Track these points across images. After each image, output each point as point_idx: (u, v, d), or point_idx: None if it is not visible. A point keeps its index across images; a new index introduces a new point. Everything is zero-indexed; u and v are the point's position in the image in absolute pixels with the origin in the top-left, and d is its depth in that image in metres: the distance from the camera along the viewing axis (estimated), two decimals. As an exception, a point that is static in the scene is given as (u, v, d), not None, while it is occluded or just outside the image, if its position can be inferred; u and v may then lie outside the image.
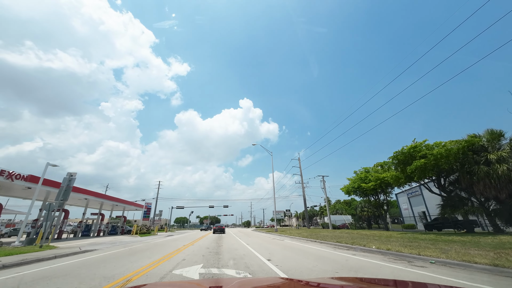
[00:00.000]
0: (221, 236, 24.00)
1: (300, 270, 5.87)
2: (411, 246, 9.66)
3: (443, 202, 19.13)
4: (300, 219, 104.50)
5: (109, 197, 30.44)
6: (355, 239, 14.00)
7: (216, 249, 11.15)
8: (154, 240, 18.93)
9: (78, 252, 10.57)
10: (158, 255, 9.36)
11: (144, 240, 19.52)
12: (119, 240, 19.89)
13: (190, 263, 6.98)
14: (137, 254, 9.85)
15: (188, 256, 8.85)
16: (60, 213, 24.63)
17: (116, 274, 5.65)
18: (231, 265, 6.62)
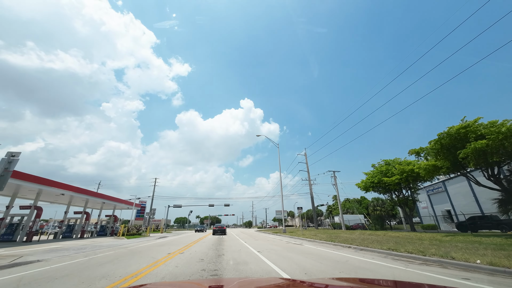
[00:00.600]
0: (221, 238, 20.25)
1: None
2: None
3: (504, 197, 15.26)
4: (304, 219, 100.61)
5: (95, 194, 26.76)
6: (400, 244, 10.27)
7: (214, 261, 7.40)
8: (139, 244, 15.20)
9: (3, 266, 6.86)
10: (122, 271, 5.67)
11: (127, 244, 15.79)
12: (96, 243, 16.18)
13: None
14: (89, 269, 6.16)
15: (166, 276, 5.16)
16: (31, 212, 21.07)
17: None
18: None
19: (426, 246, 9.26)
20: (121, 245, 14.84)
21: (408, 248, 8.36)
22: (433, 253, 7.13)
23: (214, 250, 10.78)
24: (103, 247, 13.22)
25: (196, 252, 9.99)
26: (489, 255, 6.33)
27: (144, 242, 17.06)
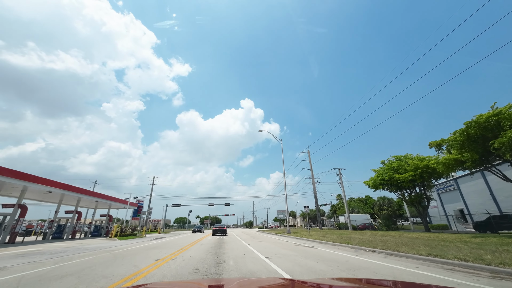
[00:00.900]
0: (222, 240, 18.59)
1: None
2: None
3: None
4: (305, 219, 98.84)
5: (87, 192, 25.08)
6: (434, 247, 8.62)
7: (212, 272, 5.72)
8: (129, 247, 13.55)
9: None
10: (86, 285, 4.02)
11: (116, 246, 14.14)
12: (82, 246, 14.53)
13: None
14: (38, 284, 4.51)
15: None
16: (14, 210, 19.41)
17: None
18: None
19: (471, 250, 7.59)
20: (109, 247, 13.17)
21: (457, 254, 6.68)
22: (501, 262, 5.44)
23: (213, 255, 9.10)
24: (87, 250, 11.57)
25: (191, 258, 8.31)
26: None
27: (136, 244, 15.39)
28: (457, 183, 31.53)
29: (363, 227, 33.73)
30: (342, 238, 15.79)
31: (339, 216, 42.92)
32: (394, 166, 24.75)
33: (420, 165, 21.87)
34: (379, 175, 26.18)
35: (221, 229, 25.43)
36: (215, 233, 25.00)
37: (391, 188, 25.15)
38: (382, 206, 44.19)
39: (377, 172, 26.88)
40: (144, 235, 26.30)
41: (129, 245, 14.66)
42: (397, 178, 23.29)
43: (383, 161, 27.65)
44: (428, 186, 23.00)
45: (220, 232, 25.06)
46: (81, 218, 32.52)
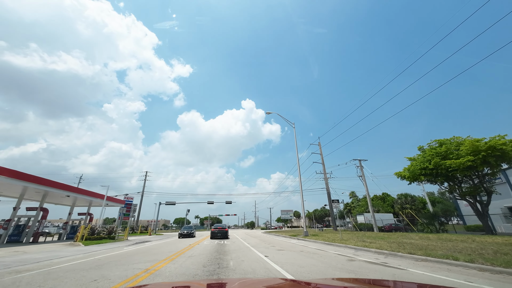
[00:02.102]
0: (222, 247, 13.43)
1: None
2: None
3: None
4: (312, 219, 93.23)
5: (55, 184, 19.94)
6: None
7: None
8: (82, 259, 8.44)
9: None
10: None
11: (60, 258, 9.06)
12: (12, 257, 9.41)
13: None
14: None
15: None
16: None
17: None
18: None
19: None
20: (46, 259, 8.06)
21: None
22: None
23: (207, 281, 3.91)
24: (8, 266, 6.47)
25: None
26: None
27: (97, 254, 10.28)
28: (506, 175, 26.30)
29: (389, 228, 28.49)
30: (393, 244, 10.68)
31: (357, 215, 37.61)
32: (440, 152, 19.55)
33: (482, 146, 16.69)
34: (418, 164, 20.99)
35: (222, 230, 20.26)
36: (214, 236, 19.84)
37: (437, 178, 19.92)
38: (404, 204, 38.88)
39: (416, 160, 21.68)
40: (126, 237, 21.13)
41: (84, 256, 9.55)
42: (448, 165, 18.07)
43: (421, 147, 22.45)
44: (493, 174, 17.80)
45: (221, 235, 19.90)
46: (70, 218, 27.47)
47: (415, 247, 9.58)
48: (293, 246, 12.82)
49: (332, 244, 12.72)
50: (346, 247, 11.38)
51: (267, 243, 15.08)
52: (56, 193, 20.92)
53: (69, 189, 21.51)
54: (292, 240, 17.66)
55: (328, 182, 40.02)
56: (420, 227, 22.44)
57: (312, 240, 16.00)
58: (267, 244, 14.26)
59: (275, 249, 10.98)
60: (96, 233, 18.56)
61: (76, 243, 15.38)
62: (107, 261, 8.05)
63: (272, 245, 13.14)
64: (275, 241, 17.01)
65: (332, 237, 16.95)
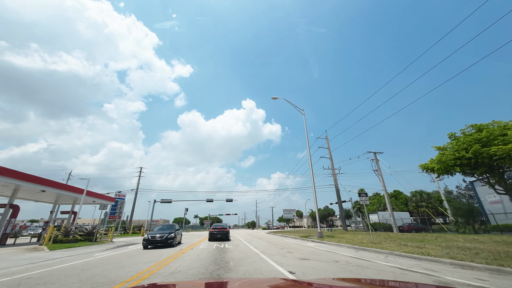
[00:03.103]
0: (223, 252, 10.42)
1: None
2: None
3: None
4: (314, 219, 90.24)
5: (27, 177, 16.93)
6: None
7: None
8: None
9: None
10: None
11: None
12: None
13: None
14: None
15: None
16: None
17: None
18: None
19: None
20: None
21: None
22: None
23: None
24: None
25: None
26: None
27: (47, 265, 7.28)
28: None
29: (408, 227, 25.46)
30: (455, 249, 7.67)
31: (369, 214, 34.60)
32: (479, 137, 16.54)
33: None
34: (452, 153, 17.97)
35: (222, 231, 17.22)
36: (213, 238, 16.82)
37: (480, 169, 16.88)
38: (419, 202, 35.89)
39: (449, 149, 18.65)
40: (110, 239, 18.12)
41: (10, 270, 6.55)
42: (492, 152, 15.06)
43: (452, 134, 19.40)
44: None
45: (221, 236, 16.88)
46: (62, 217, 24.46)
47: (505, 255, 6.57)
48: (315, 252, 9.81)
49: (367, 250, 9.71)
50: (391, 253, 8.38)
51: (279, 247, 12.07)
52: (29, 188, 17.96)
53: (45, 183, 18.52)
54: (308, 242, 14.63)
55: (336, 178, 37.11)
56: (453, 227, 19.43)
57: (333, 243, 12.98)
58: (280, 248, 11.26)
59: (296, 258, 7.98)
60: (72, 234, 15.54)
61: (41, 247, 12.38)
62: (39, 281, 5.05)
63: (288, 251, 10.14)
64: (287, 244, 14.00)
65: (356, 239, 13.94)
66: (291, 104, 23.23)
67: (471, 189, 48.94)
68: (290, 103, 23.31)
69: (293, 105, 23.23)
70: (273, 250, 10.37)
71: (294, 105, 23.21)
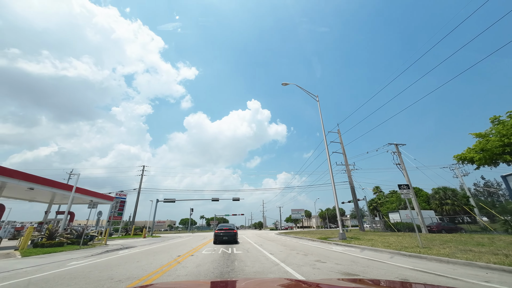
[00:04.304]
0: (231, 261, 8.08)
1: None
2: None
3: None
4: (324, 219, 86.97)
5: (13, 173, 15.10)
6: None
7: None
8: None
9: None
10: None
11: None
12: None
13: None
14: None
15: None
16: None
17: None
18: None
19: None
20: None
21: None
22: None
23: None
24: None
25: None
26: None
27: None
28: None
29: (437, 227, 22.57)
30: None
31: (388, 212, 31.71)
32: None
33: None
34: (497, 139, 15.19)
35: (229, 232, 14.92)
36: (218, 240, 14.55)
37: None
38: (443, 200, 32.74)
39: (493, 135, 15.86)
40: (105, 242, 16.10)
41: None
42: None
43: (495, 118, 16.57)
44: None
45: (228, 238, 14.59)
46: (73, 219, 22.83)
47: None
48: (354, 260, 7.39)
49: (424, 258, 7.22)
50: (469, 264, 5.89)
51: (300, 252, 9.68)
52: (15, 185, 16.16)
53: (32, 179, 16.70)
54: (332, 246, 12.17)
55: (351, 174, 34.40)
56: (500, 227, 16.58)
57: (365, 246, 10.48)
58: (303, 255, 8.87)
59: (337, 271, 5.60)
60: (58, 237, 13.55)
61: (15, 252, 10.36)
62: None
63: (316, 259, 7.75)
64: (307, 248, 11.58)
65: (393, 242, 11.39)
66: (303, 90, 20.81)
67: (491, 186, 45.11)
68: (302, 89, 20.89)
69: (305, 91, 20.79)
70: (296, 258, 8.00)
71: (307, 91, 20.77)
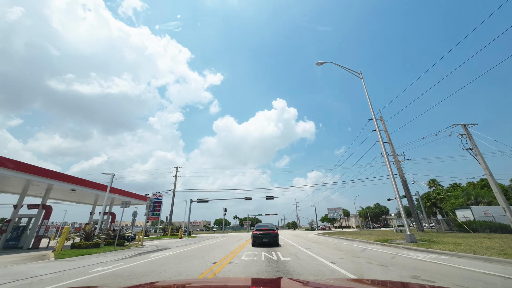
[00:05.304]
0: (283, 274, 6.01)
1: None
2: None
3: None
4: (365, 218, 79.86)
5: (59, 176, 15.59)
6: None
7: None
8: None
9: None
10: None
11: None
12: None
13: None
14: None
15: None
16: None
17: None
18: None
19: None
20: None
21: None
22: None
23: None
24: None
25: None
26: None
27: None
28: None
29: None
30: None
31: (455, 209, 26.39)
32: None
33: None
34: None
35: (269, 233, 12.99)
36: (257, 242, 12.75)
37: None
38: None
39: None
40: (141, 243, 15.64)
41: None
42: None
43: None
44: None
45: (268, 240, 12.70)
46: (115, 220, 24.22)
47: None
48: (471, 278, 4.81)
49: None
50: None
51: (372, 261, 7.29)
52: (60, 187, 16.76)
53: (74, 181, 17.19)
54: (407, 252, 9.36)
55: (400, 165, 29.86)
56: None
57: (465, 254, 7.55)
58: (380, 265, 6.48)
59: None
60: (96, 237, 13.30)
61: (50, 254, 9.99)
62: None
63: (411, 274, 5.35)
64: (372, 254, 9.04)
65: (488, 245, 8.17)
66: (343, 68, 17.95)
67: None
68: (341, 66, 18.04)
69: (346, 68, 17.89)
70: (374, 271, 5.69)
71: (347, 69, 17.86)
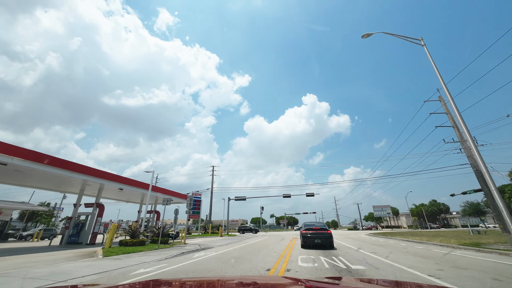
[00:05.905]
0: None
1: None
2: None
3: None
4: (419, 217, 70.49)
5: (108, 176, 16.41)
6: None
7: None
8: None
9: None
10: None
11: None
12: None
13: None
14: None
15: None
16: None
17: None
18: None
19: None
20: None
21: None
22: None
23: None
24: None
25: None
26: None
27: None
28: None
29: None
30: None
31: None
32: None
33: None
34: None
35: (322, 234, 11.16)
36: (308, 244, 11.05)
37: None
38: None
39: None
40: (184, 241, 15.39)
41: None
42: None
43: None
44: None
45: (321, 242, 10.90)
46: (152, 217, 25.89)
47: None
48: None
49: None
50: None
51: (497, 277, 5.03)
52: (110, 187, 17.73)
53: (121, 181, 17.99)
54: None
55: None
56: None
57: None
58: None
59: None
60: (141, 235, 13.32)
61: (99, 251, 9.97)
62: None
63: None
64: (482, 264, 6.59)
65: None
66: (397, 36, 14.93)
67: None
68: (395, 35, 15.04)
69: (402, 37, 14.85)
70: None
71: (403, 37, 14.80)
